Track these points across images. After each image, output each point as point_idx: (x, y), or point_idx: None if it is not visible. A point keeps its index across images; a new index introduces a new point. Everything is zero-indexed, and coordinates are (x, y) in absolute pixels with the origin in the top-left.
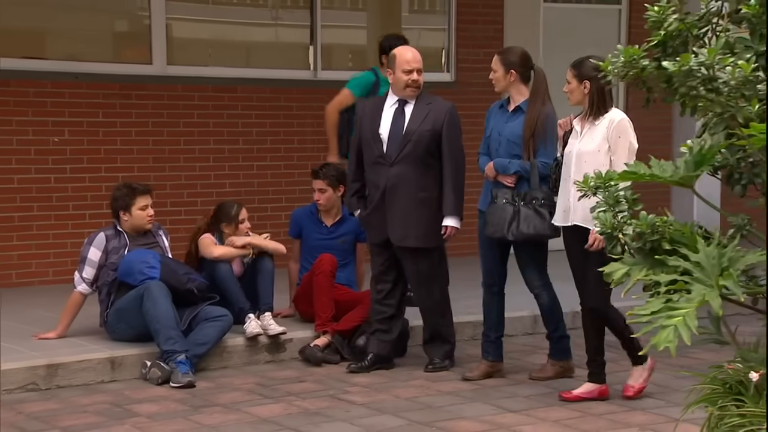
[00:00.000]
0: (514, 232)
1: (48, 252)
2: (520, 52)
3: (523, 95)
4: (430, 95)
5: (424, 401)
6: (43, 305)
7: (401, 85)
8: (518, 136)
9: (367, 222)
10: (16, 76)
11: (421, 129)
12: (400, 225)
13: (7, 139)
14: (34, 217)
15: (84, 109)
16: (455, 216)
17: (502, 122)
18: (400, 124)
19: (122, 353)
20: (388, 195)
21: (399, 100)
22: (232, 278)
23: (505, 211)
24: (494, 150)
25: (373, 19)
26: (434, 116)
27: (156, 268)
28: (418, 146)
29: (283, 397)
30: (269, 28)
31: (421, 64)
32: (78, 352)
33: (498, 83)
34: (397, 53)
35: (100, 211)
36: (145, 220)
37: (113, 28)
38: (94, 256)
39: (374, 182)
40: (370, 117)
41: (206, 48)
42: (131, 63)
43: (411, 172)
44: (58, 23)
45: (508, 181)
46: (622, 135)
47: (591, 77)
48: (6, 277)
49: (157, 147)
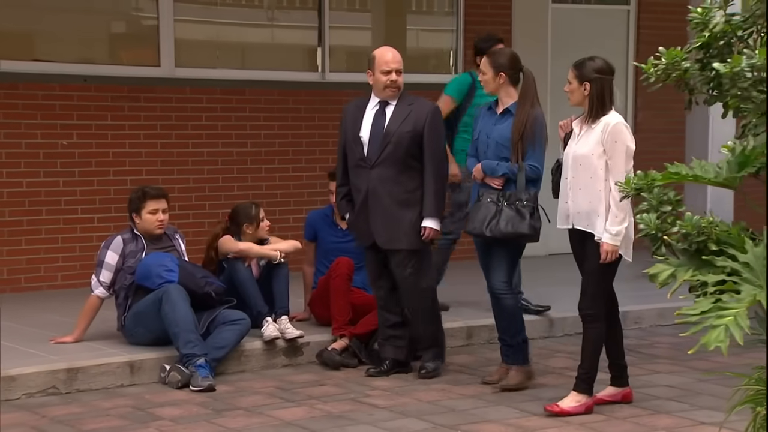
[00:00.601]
0: (492, 228)
1: (57, 256)
2: (510, 54)
3: (512, 97)
4: (412, 96)
5: (446, 404)
6: (57, 309)
7: (380, 86)
8: (507, 139)
9: (354, 226)
10: (25, 78)
11: (402, 130)
12: (384, 228)
13: (16, 142)
14: (43, 221)
15: (92, 112)
16: (435, 217)
17: (491, 124)
18: (381, 125)
19: (141, 357)
20: (371, 198)
21: (380, 101)
22: (251, 281)
23: (488, 209)
24: (482, 152)
25: (378, 20)
26: (415, 117)
27: (174, 272)
28: (398, 148)
29: (305, 400)
30: (277, 30)
31: (401, 64)
32: (97, 356)
33: (487, 85)
34: (376, 54)
35: (109, 215)
36: (154, 225)
37: (121, 30)
38: (112, 260)
39: (357, 186)
40: (352, 120)
41: (214, 50)
42: (139, 65)
43: (392, 174)
44: (66, 26)
45: (495, 183)
46: (618, 139)
47: (592, 79)
48: (15, 282)
49: (165, 150)
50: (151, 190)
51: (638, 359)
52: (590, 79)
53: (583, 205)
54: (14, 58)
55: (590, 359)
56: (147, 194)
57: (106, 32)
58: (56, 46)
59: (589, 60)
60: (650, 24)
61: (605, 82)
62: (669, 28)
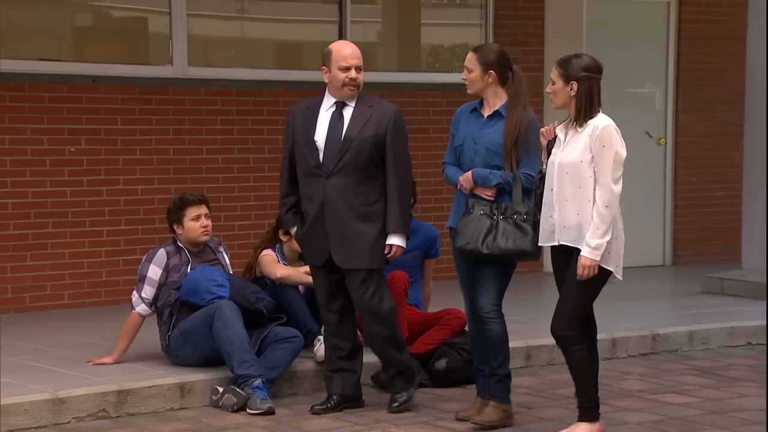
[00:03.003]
0: (489, 245)
1: (63, 273)
2: (499, 50)
3: (501, 99)
4: (372, 97)
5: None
6: (77, 330)
7: (338, 84)
8: (498, 145)
9: (305, 242)
10: (31, 79)
11: (363, 135)
12: (342, 244)
13: (22, 149)
14: (49, 234)
15: (102, 116)
16: (400, 234)
17: (478, 129)
18: (338, 129)
19: (191, 379)
20: (327, 210)
21: (336, 102)
22: (299, 299)
23: (481, 223)
24: (468, 160)
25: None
26: (377, 120)
27: (225, 287)
28: (359, 154)
29: (375, 424)
30: (296, 25)
31: (361, 60)
32: (145, 377)
33: (473, 84)
34: (333, 48)
35: (118, 228)
36: (199, 231)
37: (131, 26)
38: (154, 275)
39: (309, 196)
40: (303, 122)
41: (229, 48)
42: (150, 64)
43: (351, 183)
44: (74, 23)
45: (487, 194)
46: (607, 144)
47: (579, 78)
48: (19, 301)
49: (178, 156)
50: (190, 196)
51: (719, 382)
52: (577, 78)
53: (570, 218)
54: (19, 58)
55: (585, 385)
56: (186, 201)
57: (114, 29)
58: (62, 45)
59: (575, 57)
60: (692, 17)
61: (593, 82)
62: (713, 22)
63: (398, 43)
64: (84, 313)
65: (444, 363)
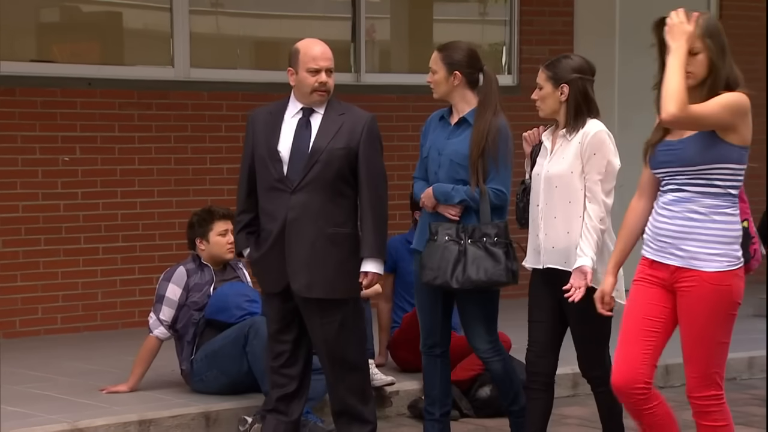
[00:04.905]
0: (459, 277)
1: (56, 294)
2: (467, 48)
3: (469, 104)
4: (343, 103)
5: None
6: (76, 356)
7: (306, 89)
8: (463, 156)
9: (261, 265)
10: (22, 82)
11: (332, 146)
12: (303, 270)
13: (12, 159)
14: (41, 252)
15: (98, 122)
16: (377, 258)
17: (443, 138)
18: (305, 139)
19: (217, 407)
20: (289, 230)
21: (303, 108)
22: None
23: (448, 251)
24: (432, 173)
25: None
26: (349, 130)
27: (257, 302)
28: (327, 168)
29: None
30: (306, 22)
31: (333, 62)
32: (166, 406)
33: (438, 87)
34: (300, 48)
35: (115, 245)
36: (226, 248)
37: (129, 25)
38: (173, 295)
39: (271, 213)
40: (265, 130)
41: (234, 47)
42: (149, 65)
43: (318, 201)
44: (68, 21)
45: (451, 212)
46: (598, 152)
47: (570, 80)
48: (9, 325)
49: (180, 167)
50: (218, 210)
51: None
52: (568, 81)
53: (559, 238)
54: (8, 59)
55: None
56: (215, 214)
57: (111, 27)
58: (56, 44)
59: (564, 58)
60: (735, 12)
61: (587, 84)
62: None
63: (409, 42)
64: (79, 338)
65: (488, 391)
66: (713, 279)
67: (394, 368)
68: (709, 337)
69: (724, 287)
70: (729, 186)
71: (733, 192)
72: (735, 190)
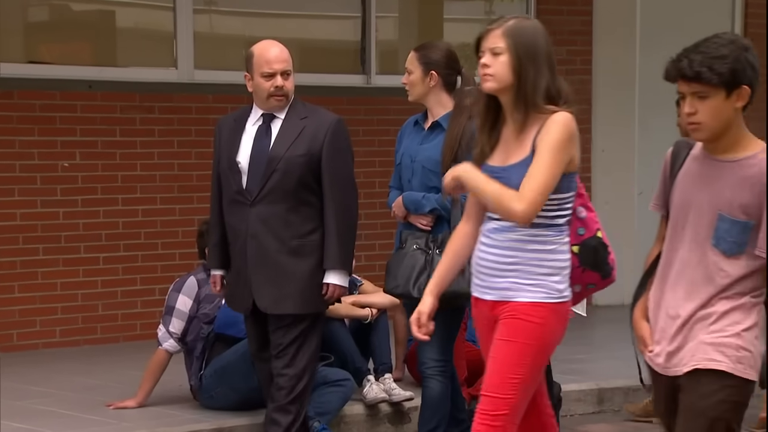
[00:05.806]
0: (421, 286)
1: (55, 306)
2: (445, 48)
3: (444, 107)
4: (309, 105)
5: None
6: (77, 371)
7: (262, 94)
8: (435, 162)
9: (229, 285)
10: (20, 85)
11: (291, 154)
12: (267, 286)
13: (10, 164)
14: (40, 262)
15: (99, 126)
16: (341, 270)
17: (416, 144)
18: (264, 147)
19: (230, 423)
20: (250, 245)
21: (264, 114)
22: (346, 334)
23: (414, 259)
24: (406, 181)
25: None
26: (311, 135)
27: None
28: (287, 177)
29: None
30: (313, 22)
31: (289, 63)
32: (178, 422)
33: (413, 89)
34: (255, 51)
35: (116, 254)
36: None
37: (130, 24)
38: (184, 306)
39: (233, 227)
40: (228, 139)
41: (239, 48)
42: (152, 66)
43: (279, 212)
44: (67, 21)
45: (422, 222)
46: None
47: None
48: (6, 339)
49: (184, 173)
50: None
51: None
52: None
53: None
54: (6, 60)
55: None
56: None
57: (113, 28)
58: (55, 45)
59: None
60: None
61: None
62: None
63: (419, 42)
64: (79, 352)
65: None
66: (523, 310)
67: (411, 383)
68: (500, 359)
69: (535, 322)
70: (554, 216)
71: (560, 221)
72: (562, 219)
